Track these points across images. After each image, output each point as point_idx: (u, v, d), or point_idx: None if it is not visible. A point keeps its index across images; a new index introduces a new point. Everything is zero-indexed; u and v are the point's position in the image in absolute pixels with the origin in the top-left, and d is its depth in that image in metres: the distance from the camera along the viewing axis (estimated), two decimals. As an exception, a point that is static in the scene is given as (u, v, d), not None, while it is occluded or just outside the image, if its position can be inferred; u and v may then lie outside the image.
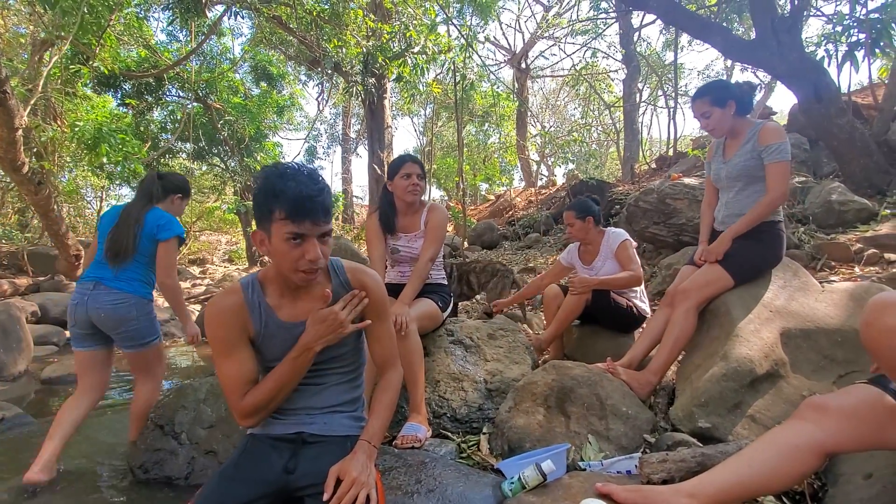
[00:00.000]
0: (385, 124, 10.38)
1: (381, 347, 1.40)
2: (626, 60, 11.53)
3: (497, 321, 2.53)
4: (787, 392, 1.80)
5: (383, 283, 1.42)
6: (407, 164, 2.26)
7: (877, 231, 3.89)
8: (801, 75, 4.55)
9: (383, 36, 8.00)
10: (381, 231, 2.29)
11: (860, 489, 1.27)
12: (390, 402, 1.36)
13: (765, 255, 2.10)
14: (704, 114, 2.16)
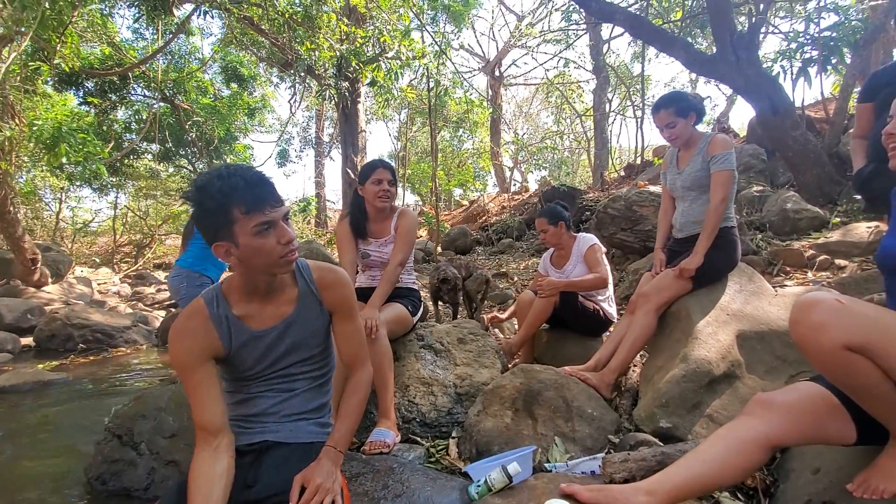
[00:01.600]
0: (359, 128, 10.33)
1: (349, 346, 1.37)
2: (596, 71, 11.85)
3: (467, 325, 2.55)
4: (743, 392, 1.88)
5: (353, 288, 1.41)
6: (378, 170, 2.26)
7: (828, 238, 4.10)
8: (758, 89, 4.78)
9: (357, 40, 7.98)
10: (351, 236, 2.28)
11: (809, 484, 1.34)
12: (358, 404, 1.34)
13: (721, 260, 2.19)
14: (669, 124, 2.24)
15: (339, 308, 1.33)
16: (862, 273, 3.23)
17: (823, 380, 1.23)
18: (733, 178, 2.19)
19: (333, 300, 1.33)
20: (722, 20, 4.77)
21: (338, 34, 8.47)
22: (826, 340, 1.03)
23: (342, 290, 1.33)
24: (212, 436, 1.16)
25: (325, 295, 1.32)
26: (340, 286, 1.33)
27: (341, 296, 1.33)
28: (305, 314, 1.30)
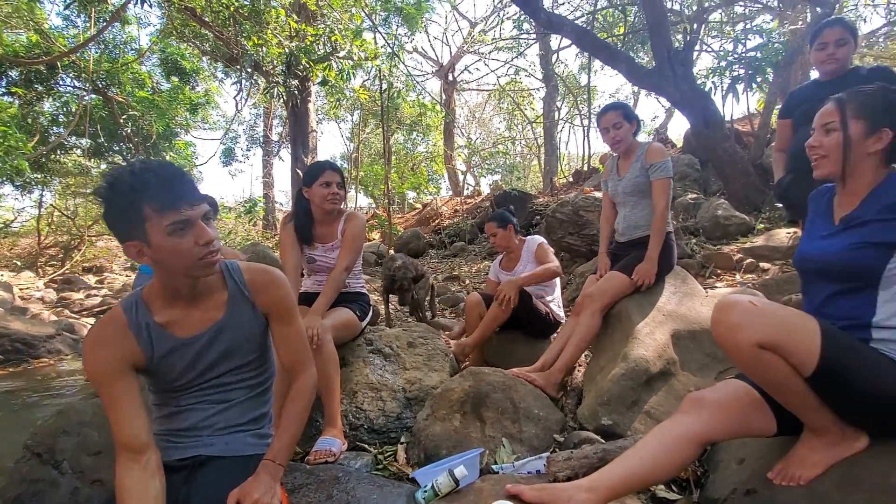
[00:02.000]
0: (309, 128, 10.08)
1: (289, 351, 1.31)
2: (546, 80, 12.20)
3: (417, 329, 2.54)
4: (677, 388, 1.98)
5: (291, 289, 1.35)
6: (327, 172, 2.20)
7: (753, 243, 4.42)
8: (692, 103, 5.10)
9: (307, 38, 7.79)
10: (296, 240, 2.20)
11: (734, 473, 1.43)
12: (300, 413, 1.28)
13: (659, 263, 2.30)
14: (616, 124, 2.36)
15: (275, 311, 1.27)
16: (783, 275, 3.51)
17: (746, 376, 1.32)
18: (671, 185, 2.33)
19: (268, 302, 1.26)
20: (660, 37, 5.06)
21: (287, 31, 8.23)
22: (741, 339, 1.11)
23: (277, 292, 1.27)
24: (137, 454, 1.07)
25: (259, 297, 1.25)
26: (275, 287, 1.26)
27: (276, 297, 1.26)
28: (237, 319, 1.23)
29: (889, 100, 1.19)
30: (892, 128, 1.17)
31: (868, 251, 1.15)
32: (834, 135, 1.23)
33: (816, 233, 1.32)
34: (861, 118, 1.20)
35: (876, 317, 1.15)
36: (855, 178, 1.23)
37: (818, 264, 1.27)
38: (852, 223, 1.21)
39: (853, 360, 1.11)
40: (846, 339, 1.14)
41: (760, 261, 4.12)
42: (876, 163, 1.20)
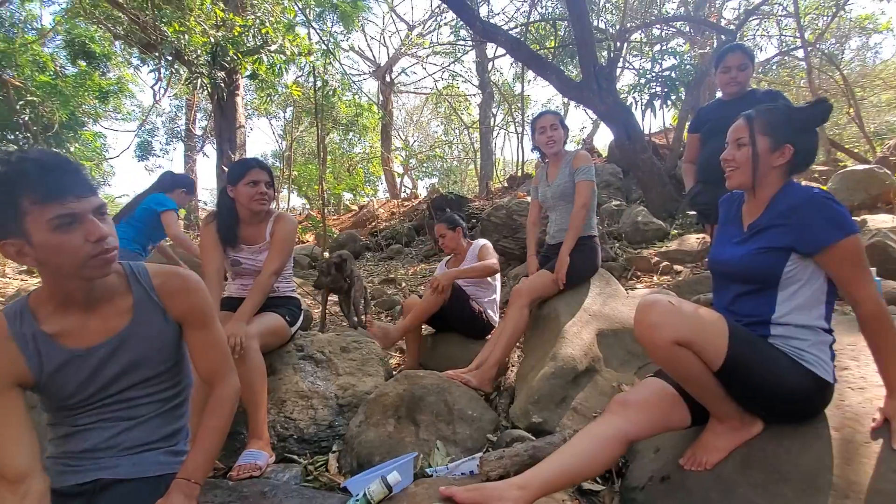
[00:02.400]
0: (237, 123, 9.54)
1: (206, 360, 1.21)
2: (482, 86, 12.48)
3: (351, 334, 2.48)
4: (602, 384, 2.09)
5: (211, 292, 1.25)
6: (254, 171, 2.08)
7: (669, 247, 4.79)
8: (616, 116, 5.44)
9: (235, 28, 7.39)
10: (219, 242, 2.07)
11: (651, 462, 1.53)
12: (219, 426, 1.19)
13: (585, 264, 2.44)
14: (553, 126, 2.52)
15: (189, 317, 1.17)
16: (693, 276, 3.83)
17: (662, 373, 1.42)
18: (594, 190, 2.49)
19: (181, 309, 1.16)
20: (586, 52, 5.36)
21: (213, 19, 7.76)
22: (659, 337, 1.19)
23: (191, 297, 1.17)
24: (13, 483, 0.94)
25: (170, 303, 1.15)
26: (188, 292, 1.16)
27: (190, 303, 1.17)
28: (144, 327, 1.12)
29: (791, 118, 1.32)
30: (793, 144, 1.30)
31: (769, 255, 1.27)
32: (745, 149, 1.34)
33: (728, 238, 1.43)
34: (767, 134, 1.32)
35: (775, 314, 1.28)
36: (762, 189, 1.35)
37: (728, 267, 1.38)
38: (756, 230, 1.33)
39: (754, 355, 1.23)
40: (749, 336, 1.25)
41: (675, 263, 4.47)
42: (780, 174, 1.33)
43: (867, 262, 1.24)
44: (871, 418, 1.20)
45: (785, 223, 1.25)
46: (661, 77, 6.11)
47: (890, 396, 1.19)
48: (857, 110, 8.47)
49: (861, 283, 1.19)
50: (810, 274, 1.25)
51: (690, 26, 7.44)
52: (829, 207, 1.21)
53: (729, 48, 2.58)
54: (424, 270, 6.97)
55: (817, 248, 1.21)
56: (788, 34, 9.51)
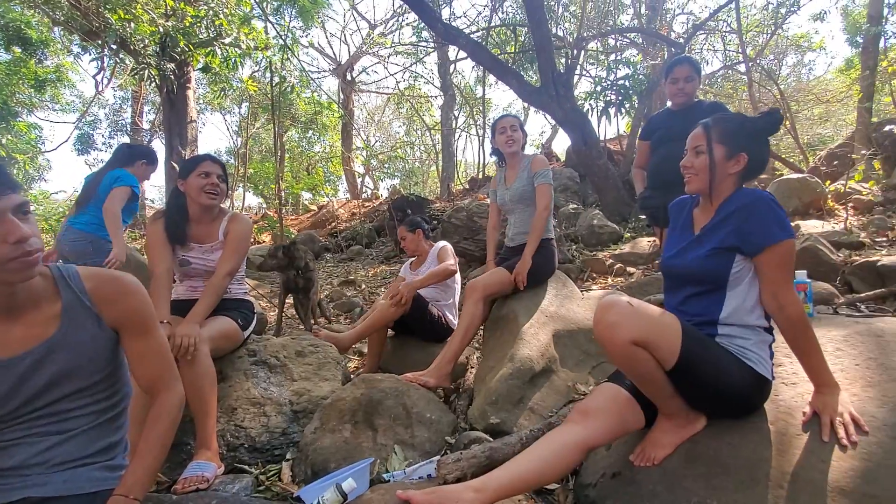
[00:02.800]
0: (188, 118, 9.11)
1: (146, 368, 1.14)
2: (444, 88, 12.52)
3: (307, 337, 2.42)
4: (558, 384, 2.14)
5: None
6: (206, 163, 2.00)
7: (622, 250, 4.97)
8: (573, 122, 5.59)
9: (186, 18, 7.06)
10: (166, 240, 1.96)
11: (603, 459, 1.57)
12: (161, 437, 1.12)
13: (543, 267, 2.48)
14: (513, 127, 2.58)
15: (127, 323, 1.10)
16: (644, 278, 3.99)
17: (616, 377, 1.46)
18: (552, 190, 2.54)
19: (118, 314, 1.09)
20: (545, 58, 5.48)
21: (162, 7, 7.38)
22: (618, 336, 1.23)
23: (129, 301, 1.10)
24: None
25: (105, 308, 1.08)
26: (126, 296, 1.09)
27: (128, 308, 1.09)
28: (74, 334, 1.04)
29: (746, 128, 1.39)
30: (747, 152, 1.37)
31: (718, 257, 1.33)
32: (702, 157, 1.40)
33: (679, 242, 1.49)
34: (723, 143, 1.38)
35: (721, 315, 1.34)
36: (716, 195, 1.41)
37: (680, 269, 1.44)
38: (706, 233, 1.39)
39: (704, 354, 1.28)
40: (699, 336, 1.31)
41: (628, 265, 4.64)
42: (734, 181, 1.39)
43: (794, 268, 1.33)
44: (802, 412, 1.29)
45: (732, 224, 1.31)
46: (616, 86, 6.34)
47: (816, 391, 1.27)
48: (792, 123, 9.09)
49: (789, 286, 1.28)
50: (753, 275, 1.32)
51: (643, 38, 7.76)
52: (774, 209, 1.28)
53: (677, 60, 2.70)
54: (385, 272, 6.90)
55: (760, 246, 1.27)
56: (732, 49, 10.10)
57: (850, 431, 1.17)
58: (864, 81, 7.63)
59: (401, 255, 7.74)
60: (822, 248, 3.17)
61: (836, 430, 1.18)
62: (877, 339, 1.49)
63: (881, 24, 7.62)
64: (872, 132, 6.24)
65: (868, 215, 4.63)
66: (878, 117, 8.41)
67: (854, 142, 6.88)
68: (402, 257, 7.64)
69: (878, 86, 8.34)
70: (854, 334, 1.55)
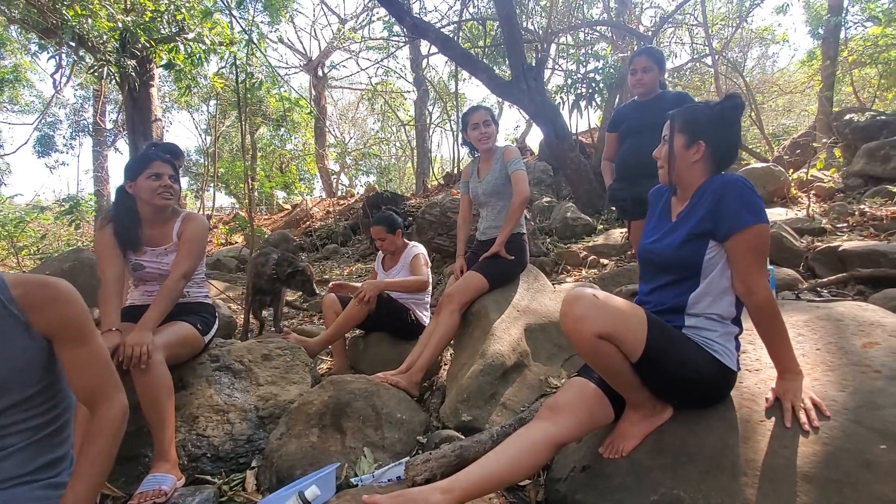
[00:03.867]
0: (153, 116, 8.79)
1: (83, 378, 1.08)
2: (417, 83, 12.42)
3: (274, 340, 2.34)
4: (530, 378, 2.12)
5: (80, 302, 1.09)
6: (155, 163, 1.90)
7: (595, 242, 5.01)
8: (544, 116, 5.60)
9: (146, 13, 6.80)
10: (116, 246, 1.86)
11: (574, 452, 1.56)
12: (102, 452, 1.06)
13: (514, 262, 2.46)
14: (486, 122, 2.52)
15: (59, 331, 1.04)
16: (617, 269, 4.03)
17: (585, 371, 1.45)
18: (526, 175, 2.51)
19: (49, 322, 1.03)
20: (515, 52, 5.46)
21: (121, 3, 7.09)
22: (584, 329, 1.21)
23: (60, 309, 1.04)
24: None
25: (35, 316, 1.01)
26: (57, 303, 1.03)
27: (60, 316, 1.03)
28: (2, 346, 0.98)
29: (705, 116, 1.37)
30: (706, 141, 1.36)
31: (692, 243, 1.33)
32: (666, 146, 1.40)
33: (657, 229, 1.48)
34: (683, 132, 1.38)
35: (690, 304, 1.34)
36: (686, 183, 1.40)
37: (656, 256, 1.43)
38: (681, 220, 1.39)
39: (669, 345, 1.27)
40: (665, 327, 1.30)
41: (601, 257, 4.68)
42: (702, 169, 1.38)
43: (767, 255, 1.33)
44: (765, 398, 1.29)
45: (705, 209, 1.31)
46: (587, 79, 6.38)
47: (780, 377, 1.28)
48: (757, 114, 9.33)
49: (759, 273, 1.27)
50: (725, 262, 1.32)
51: (612, 31, 7.83)
52: (746, 193, 1.27)
53: (636, 52, 2.72)
54: (361, 270, 6.82)
55: (730, 230, 1.26)
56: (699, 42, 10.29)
57: (812, 417, 1.18)
58: (824, 72, 7.87)
59: (376, 253, 7.65)
60: (786, 235, 3.25)
61: (798, 416, 1.19)
62: (836, 323, 1.52)
63: (841, 14, 7.86)
64: (833, 121, 6.45)
65: (829, 202, 4.78)
66: (840, 106, 8.70)
67: (816, 131, 7.09)
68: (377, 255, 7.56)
69: (838, 76, 8.62)
70: (815, 319, 1.57)
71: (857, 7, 8.68)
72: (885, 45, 7.06)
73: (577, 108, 6.32)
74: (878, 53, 7.40)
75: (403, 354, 2.67)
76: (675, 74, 10.78)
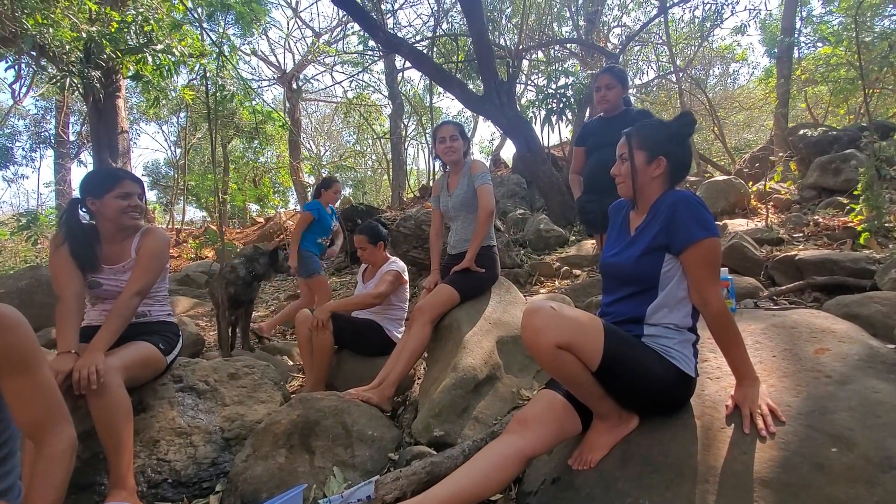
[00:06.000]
0: (119, 128, 8.56)
1: (25, 410, 1.02)
2: (392, 97, 12.48)
3: (243, 358, 2.29)
4: (502, 391, 2.13)
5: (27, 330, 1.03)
6: (126, 182, 1.85)
7: (568, 253, 5.09)
8: (517, 130, 5.70)
9: (112, 24, 6.66)
10: (73, 265, 1.79)
11: (545, 465, 1.56)
12: (53, 487, 1.01)
13: (485, 275, 2.47)
14: (452, 136, 2.54)
15: (2, 361, 0.99)
16: (588, 279, 4.10)
17: (553, 383, 1.47)
18: (492, 189, 2.53)
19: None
20: (487, 68, 5.57)
21: (85, 12, 6.92)
22: (543, 341, 1.22)
23: (7, 338, 0.99)
24: None
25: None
26: (3, 334, 0.98)
27: (5, 345, 0.98)
28: None
29: (662, 133, 1.43)
30: (666, 156, 1.41)
31: (649, 256, 1.36)
32: (626, 163, 1.44)
33: (617, 243, 1.52)
34: (642, 149, 1.42)
35: (648, 314, 1.38)
36: (645, 198, 1.45)
37: (616, 269, 1.47)
38: (639, 234, 1.42)
39: (627, 353, 1.30)
40: (622, 335, 1.33)
41: (574, 268, 4.75)
42: (660, 184, 1.43)
43: (720, 267, 1.37)
44: (725, 405, 1.33)
45: (661, 224, 1.35)
46: (558, 94, 6.53)
47: (738, 384, 1.32)
48: (720, 128, 9.72)
49: (712, 284, 1.32)
50: (681, 275, 1.36)
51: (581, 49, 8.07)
52: (697, 209, 1.32)
53: (601, 71, 2.82)
54: (335, 283, 6.73)
55: (685, 244, 1.30)
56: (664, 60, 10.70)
57: (769, 422, 1.22)
58: (779, 89, 8.28)
59: (352, 267, 7.58)
60: (746, 244, 3.38)
61: (755, 422, 1.23)
62: (791, 330, 1.58)
63: (794, 35, 8.31)
64: (789, 136, 6.77)
65: (786, 213, 5.00)
66: (795, 122, 9.15)
67: (773, 145, 7.43)
68: (353, 268, 7.48)
69: (793, 93, 9.08)
70: (771, 327, 1.63)
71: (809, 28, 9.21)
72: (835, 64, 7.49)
73: (548, 123, 6.47)
74: (829, 72, 7.84)
75: (376, 370, 2.63)
76: (642, 91, 11.17)
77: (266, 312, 5.35)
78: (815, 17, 9.75)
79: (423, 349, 2.29)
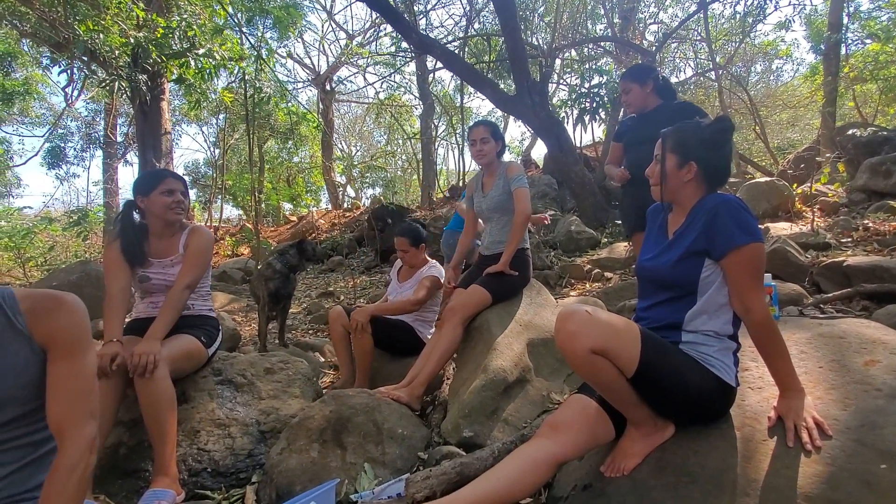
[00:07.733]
0: (163, 129, 8.95)
1: (57, 399, 1.01)
2: (423, 97, 12.56)
3: (278, 353, 2.35)
4: (532, 394, 2.11)
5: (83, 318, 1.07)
6: (168, 180, 1.97)
7: (600, 255, 5.01)
8: (549, 130, 5.64)
9: (158, 30, 6.96)
10: (123, 261, 1.90)
11: (575, 471, 1.54)
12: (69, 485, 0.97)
13: (517, 277, 2.46)
14: (483, 139, 2.52)
15: (52, 342, 1.01)
16: (621, 283, 4.02)
17: (585, 388, 1.45)
18: (528, 193, 2.51)
19: (47, 332, 1.01)
20: (519, 67, 5.53)
21: (133, 19, 7.26)
22: (577, 346, 1.21)
23: (61, 319, 1.02)
24: None
25: (36, 328, 1.00)
26: (55, 312, 1.02)
27: (58, 326, 1.01)
28: (4, 360, 0.98)
29: (697, 136, 1.39)
30: (696, 161, 1.37)
31: (688, 261, 1.33)
32: (658, 166, 1.42)
33: (654, 246, 1.49)
34: (674, 152, 1.39)
35: (687, 320, 1.34)
36: (680, 201, 1.41)
37: (653, 273, 1.44)
38: (678, 238, 1.39)
39: (664, 360, 1.27)
40: (660, 342, 1.30)
41: (605, 271, 4.67)
42: (695, 188, 1.39)
43: (763, 273, 1.33)
44: (767, 417, 1.28)
45: (700, 228, 1.31)
46: (591, 93, 6.43)
47: (782, 395, 1.27)
48: (761, 128, 9.35)
49: (755, 291, 1.27)
50: (721, 281, 1.32)
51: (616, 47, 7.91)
52: (740, 212, 1.27)
53: (622, 75, 2.81)
54: (365, 282, 6.84)
55: (726, 249, 1.26)
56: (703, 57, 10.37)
57: (814, 436, 1.17)
58: (826, 87, 7.89)
59: (381, 266, 7.68)
60: (790, 249, 3.23)
61: (800, 435, 1.18)
62: (839, 340, 1.51)
63: (841, 31, 7.91)
64: (836, 136, 6.45)
65: (834, 217, 4.76)
66: (843, 121, 8.70)
67: (819, 145, 7.09)
68: (382, 267, 7.58)
69: (841, 91, 8.64)
70: (818, 336, 1.56)
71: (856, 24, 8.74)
72: (884, 61, 7.09)
73: (581, 123, 6.37)
74: (878, 70, 7.43)
75: (406, 368, 2.67)
76: (679, 89, 10.84)
77: (298, 309, 5.48)
78: (863, 13, 9.25)
79: (454, 350, 2.30)
